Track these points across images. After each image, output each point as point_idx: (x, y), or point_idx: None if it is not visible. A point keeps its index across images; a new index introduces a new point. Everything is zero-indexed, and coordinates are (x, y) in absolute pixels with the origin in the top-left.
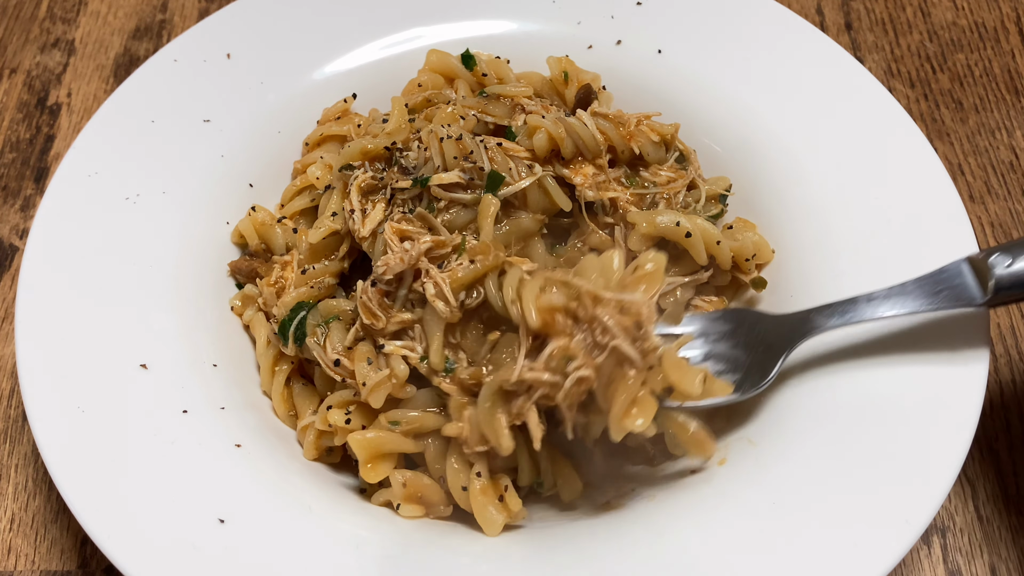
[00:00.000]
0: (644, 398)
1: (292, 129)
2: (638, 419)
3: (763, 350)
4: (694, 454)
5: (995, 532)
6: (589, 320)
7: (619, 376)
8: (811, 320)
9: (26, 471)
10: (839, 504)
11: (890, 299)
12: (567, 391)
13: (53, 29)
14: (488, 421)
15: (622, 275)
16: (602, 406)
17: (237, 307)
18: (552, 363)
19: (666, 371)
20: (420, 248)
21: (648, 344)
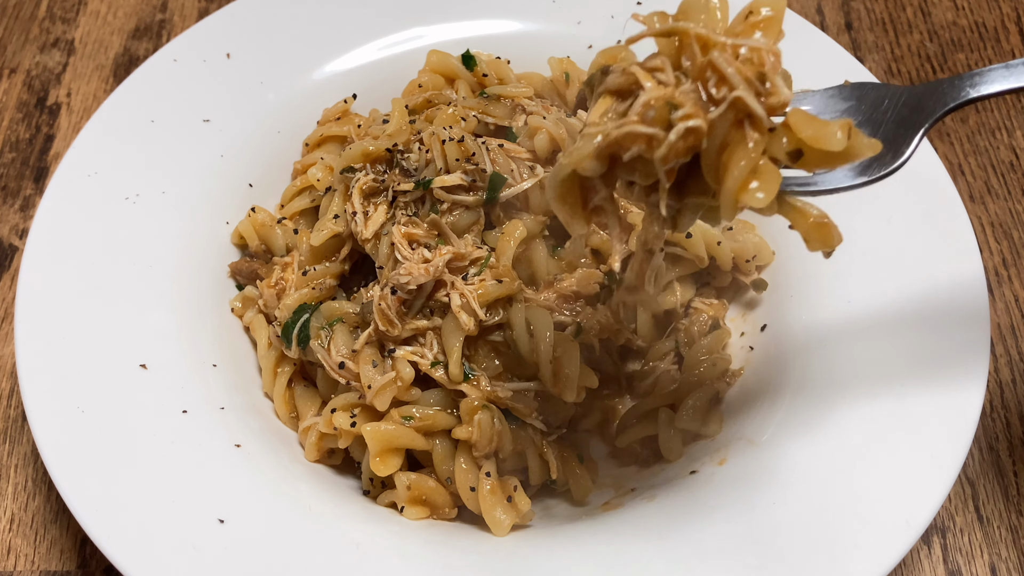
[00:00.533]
0: (766, 167)
1: (292, 129)
2: (759, 192)
3: (894, 126)
4: (815, 244)
5: (995, 532)
6: (699, 71)
7: (737, 138)
8: (955, 86)
9: (26, 471)
10: (839, 504)
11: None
12: (671, 145)
13: (53, 29)
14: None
15: (732, 23)
16: (709, 180)
17: (237, 308)
18: (650, 113)
19: (795, 127)
20: (443, 259)
21: (776, 99)
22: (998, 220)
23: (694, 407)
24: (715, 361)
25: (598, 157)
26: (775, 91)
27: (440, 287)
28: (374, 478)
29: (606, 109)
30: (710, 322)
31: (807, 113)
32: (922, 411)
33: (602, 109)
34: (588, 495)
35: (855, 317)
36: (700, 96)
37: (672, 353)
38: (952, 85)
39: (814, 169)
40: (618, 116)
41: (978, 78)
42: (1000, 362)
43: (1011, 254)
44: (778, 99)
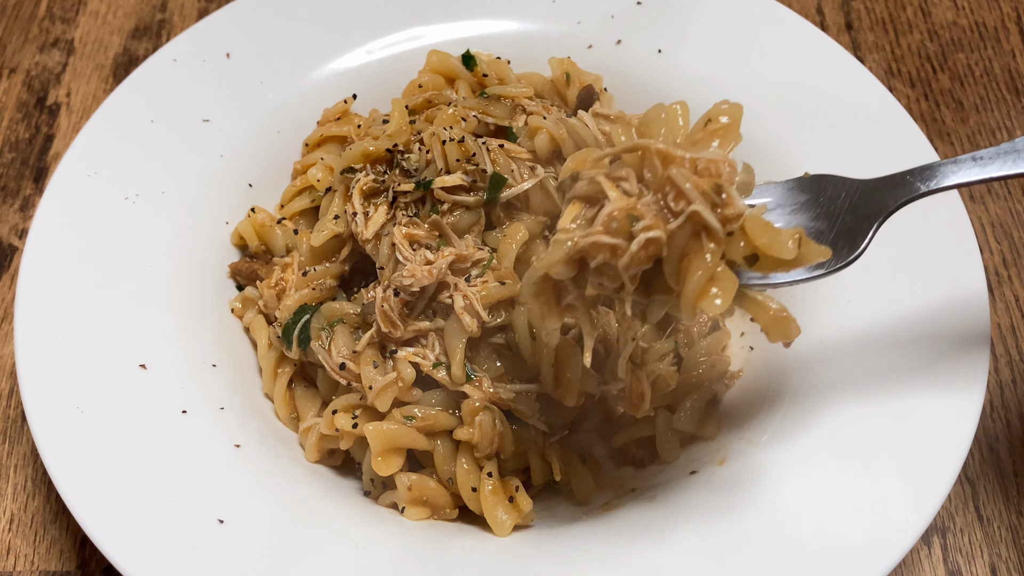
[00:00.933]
0: (724, 274)
1: (292, 129)
2: (716, 299)
3: (851, 220)
4: (775, 336)
5: (995, 532)
6: (659, 183)
7: (695, 248)
8: (908, 182)
9: (25, 471)
10: (839, 504)
11: (999, 158)
12: (632, 256)
13: (52, 29)
14: (537, 321)
15: (691, 130)
16: (671, 284)
17: (237, 309)
18: (613, 224)
19: (750, 235)
20: (446, 261)
21: (731, 210)
22: (998, 220)
23: (692, 409)
24: (714, 363)
25: (567, 263)
26: (730, 202)
27: (443, 289)
28: (375, 478)
29: (576, 215)
30: (710, 323)
31: (762, 220)
32: (922, 411)
33: (572, 215)
34: (590, 495)
35: (855, 317)
36: (661, 207)
37: (671, 354)
38: (904, 181)
39: (769, 273)
40: (587, 222)
41: (929, 173)
42: (1000, 362)
43: (1011, 254)
44: (733, 210)
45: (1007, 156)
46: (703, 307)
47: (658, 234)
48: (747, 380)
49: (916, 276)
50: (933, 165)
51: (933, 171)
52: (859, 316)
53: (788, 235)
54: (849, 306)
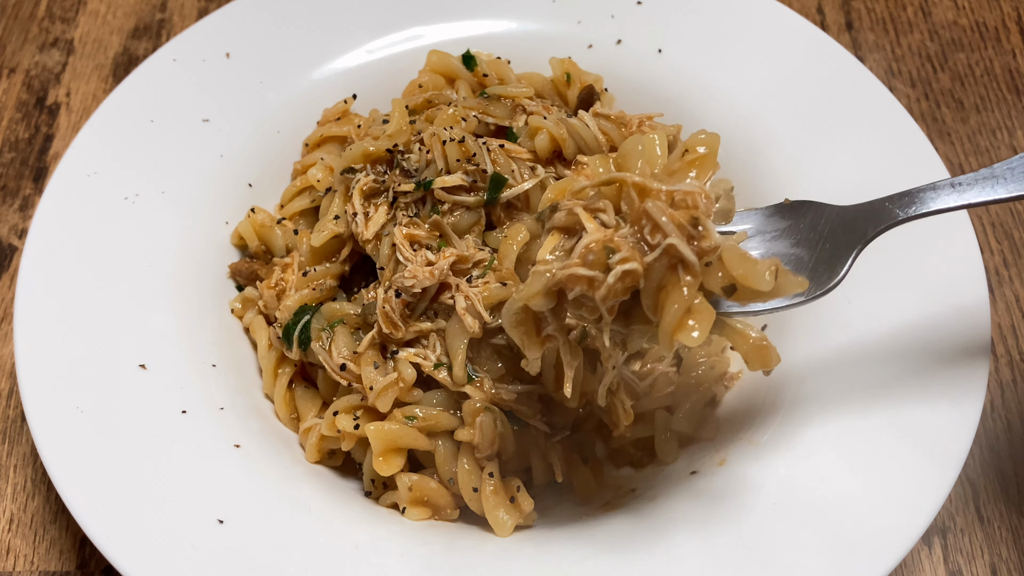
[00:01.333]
0: (701, 306)
1: (291, 129)
2: (693, 331)
3: (830, 246)
4: (755, 365)
5: (996, 533)
6: (636, 216)
7: (672, 281)
8: (886, 209)
9: (25, 471)
10: (839, 505)
11: (977, 184)
12: (609, 288)
13: (52, 28)
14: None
15: (668, 160)
16: (649, 315)
17: (237, 310)
18: (590, 256)
19: (727, 266)
20: (447, 262)
21: (708, 243)
22: (999, 220)
23: (691, 410)
24: (713, 364)
25: (546, 295)
26: (707, 235)
27: (444, 289)
28: (376, 479)
29: (555, 246)
30: None
31: (739, 251)
32: (923, 411)
33: (551, 245)
34: (592, 496)
35: (856, 317)
36: (639, 239)
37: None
38: (882, 207)
39: (747, 303)
40: (565, 253)
41: (907, 199)
42: (1001, 362)
43: (1012, 254)
44: (709, 243)
45: (986, 182)
46: (680, 339)
47: (635, 266)
48: (748, 380)
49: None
50: (912, 192)
51: (912, 197)
52: (859, 316)
53: (765, 266)
54: (850, 306)
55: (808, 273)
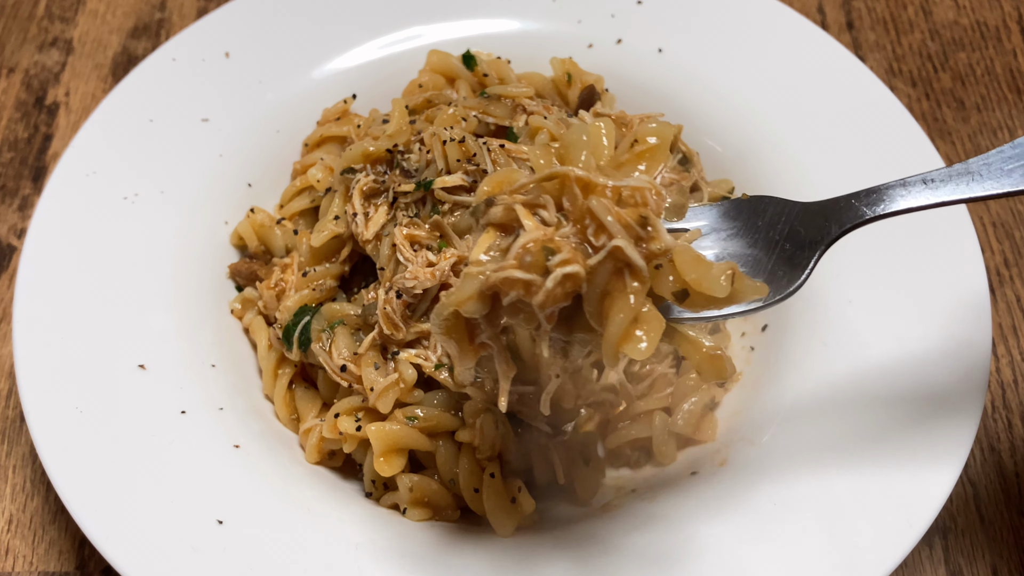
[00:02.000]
0: (649, 315)
1: (291, 128)
2: (641, 343)
3: (791, 246)
4: (708, 377)
5: (997, 533)
6: (579, 214)
7: (617, 287)
8: (852, 207)
9: (24, 472)
10: (840, 505)
11: (951, 181)
12: (548, 293)
13: (51, 28)
14: (449, 348)
15: (616, 152)
16: (593, 324)
17: (237, 310)
18: (527, 258)
19: (679, 270)
20: (448, 263)
21: (657, 245)
22: (1000, 220)
23: (690, 412)
24: None
25: (479, 299)
26: (656, 236)
27: (445, 290)
28: (376, 480)
29: (490, 245)
30: (710, 325)
31: (692, 253)
32: (924, 412)
33: (486, 244)
34: (594, 496)
35: (857, 317)
36: (581, 239)
37: (671, 356)
38: (848, 205)
39: (700, 310)
40: (501, 253)
41: (875, 196)
42: (1002, 362)
43: (1012, 254)
44: (659, 245)
45: (960, 178)
46: (626, 351)
47: (576, 269)
48: (748, 381)
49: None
50: (880, 188)
51: (880, 195)
52: (860, 315)
53: (720, 271)
54: (850, 306)
55: (766, 276)
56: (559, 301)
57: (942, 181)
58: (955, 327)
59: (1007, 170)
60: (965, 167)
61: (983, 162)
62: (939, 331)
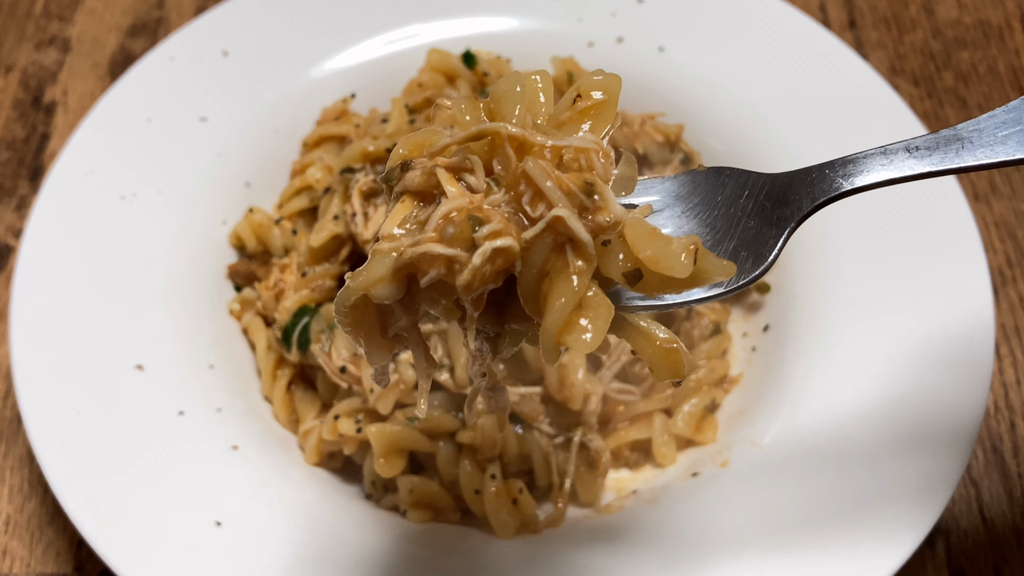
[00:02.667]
0: (595, 299)
1: (289, 127)
2: (585, 333)
3: (755, 224)
4: (662, 373)
5: (999, 534)
6: (513, 179)
7: (557, 266)
8: (827, 178)
9: (21, 473)
10: (842, 506)
11: (939, 149)
12: (475, 271)
13: (49, 26)
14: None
15: (556, 108)
16: (528, 310)
17: (235, 311)
18: (450, 229)
19: (632, 245)
20: None
21: (605, 217)
22: (1002, 220)
23: (689, 413)
24: (714, 367)
25: (392, 280)
26: (604, 206)
27: None
28: (376, 481)
29: (406, 216)
30: (711, 326)
31: (646, 226)
32: (925, 411)
33: (400, 215)
34: (595, 498)
35: (858, 317)
36: (514, 209)
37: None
38: (822, 176)
39: (656, 294)
40: (419, 226)
41: (852, 167)
42: (1004, 363)
43: (1016, 254)
44: (608, 216)
45: (948, 146)
46: (568, 343)
47: (509, 243)
48: (749, 381)
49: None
50: (857, 157)
51: (857, 164)
52: (862, 316)
53: (681, 246)
54: (852, 307)
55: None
56: (488, 282)
57: (928, 149)
58: (957, 327)
59: (1001, 136)
60: (954, 133)
61: (974, 127)
62: (941, 331)
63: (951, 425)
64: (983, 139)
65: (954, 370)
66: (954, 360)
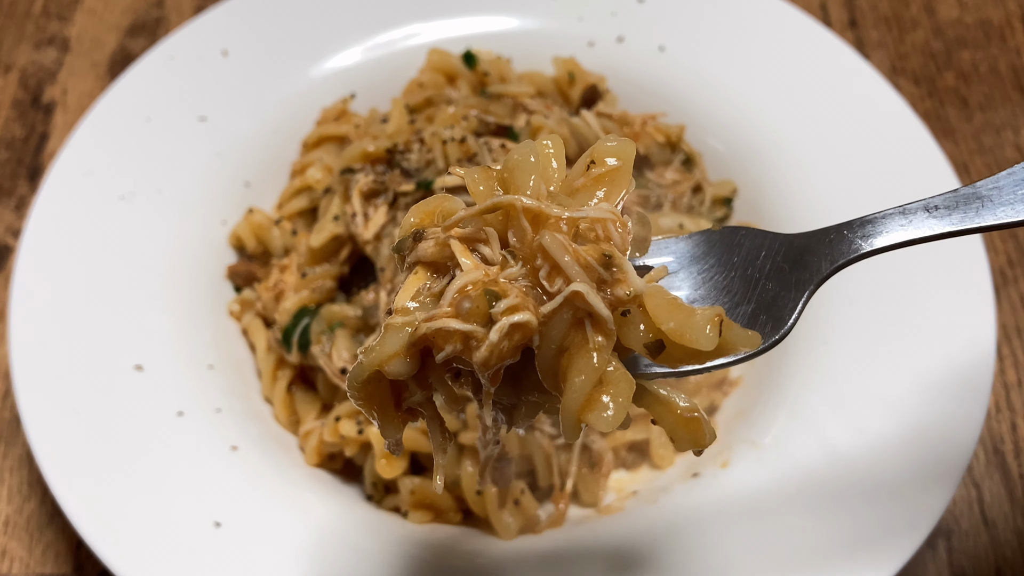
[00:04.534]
0: (615, 375)
1: (289, 127)
2: (606, 410)
3: (773, 286)
4: (684, 444)
5: (1000, 535)
6: (529, 252)
7: (577, 341)
8: (846, 239)
9: (21, 473)
10: (843, 507)
11: (958, 209)
12: (492, 347)
13: (48, 26)
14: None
15: (570, 175)
16: (546, 384)
17: (235, 311)
18: (466, 304)
19: (653, 317)
20: None
21: (624, 290)
22: None
23: None
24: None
25: (406, 356)
26: (623, 279)
27: None
28: (377, 483)
29: (419, 288)
30: None
31: (667, 295)
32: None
33: (414, 287)
34: (597, 499)
35: (859, 317)
36: (531, 283)
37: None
38: (840, 237)
39: (679, 366)
40: (433, 298)
41: (871, 228)
42: (1006, 363)
43: (1017, 254)
44: (627, 289)
45: (968, 205)
46: (590, 421)
47: (527, 318)
48: (750, 382)
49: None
50: (876, 218)
51: (876, 225)
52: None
53: (706, 318)
54: (852, 307)
55: (746, 322)
56: (506, 357)
57: (947, 209)
58: (958, 327)
59: (1021, 195)
60: (973, 191)
61: (993, 185)
62: (942, 332)
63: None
64: (1003, 197)
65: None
66: (954, 360)
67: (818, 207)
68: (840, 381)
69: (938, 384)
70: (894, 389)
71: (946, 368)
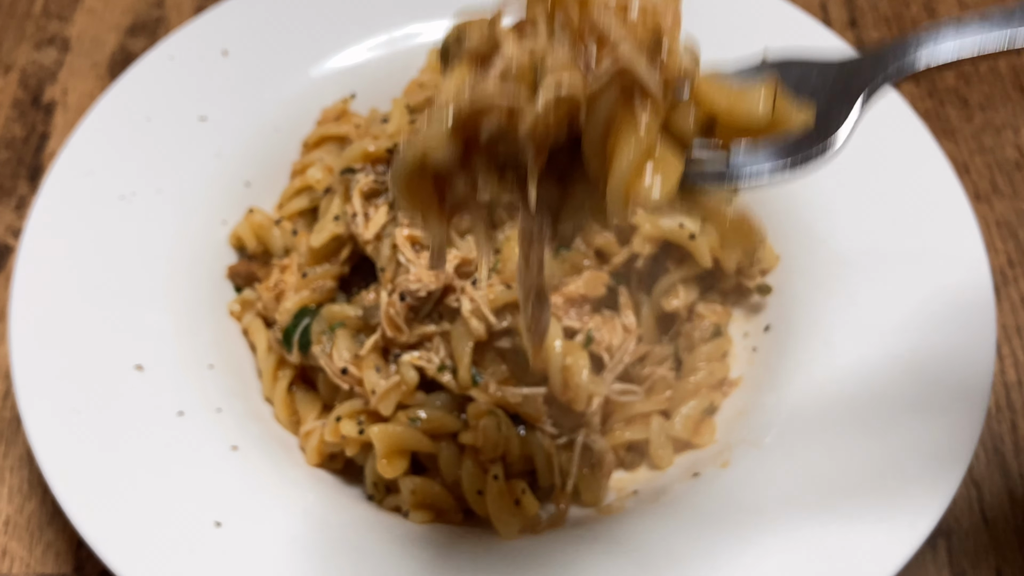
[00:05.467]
0: (663, 156)
1: (289, 127)
2: (654, 184)
3: (825, 98)
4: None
5: (1001, 535)
6: (576, 31)
7: (625, 116)
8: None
9: (21, 473)
10: (843, 507)
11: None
12: (538, 117)
13: (48, 26)
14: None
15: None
16: (593, 169)
17: (235, 312)
18: (510, 77)
19: (704, 96)
20: (452, 264)
21: (673, 64)
22: (1004, 219)
23: (687, 416)
24: (713, 370)
25: (451, 138)
26: (673, 57)
27: (449, 292)
28: (378, 483)
29: (462, 83)
30: (712, 329)
31: (720, 78)
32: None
33: (458, 82)
34: (599, 499)
35: (859, 317)
36: (575, 58)
37: (671, 358)
38: (896, 53)
39: (730, 140)
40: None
41: (925, 39)
42: (1006, 363)
43: (1017, 253)
44: (676, 67)
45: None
46: (637, 196)
47: (572, 87)
48: (751, 382)
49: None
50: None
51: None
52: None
53: (758, 89)
54: (853, 307)
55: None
56: (552, 130)
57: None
58: (959, 326)
59: None
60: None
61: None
62: (942, 330)
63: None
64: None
65: (954, 370)
66: (955, 360)
67: (817, 208)
68: (841, 380)
69: (938, 384)
70: (897, 388)
71: (946, 368)
